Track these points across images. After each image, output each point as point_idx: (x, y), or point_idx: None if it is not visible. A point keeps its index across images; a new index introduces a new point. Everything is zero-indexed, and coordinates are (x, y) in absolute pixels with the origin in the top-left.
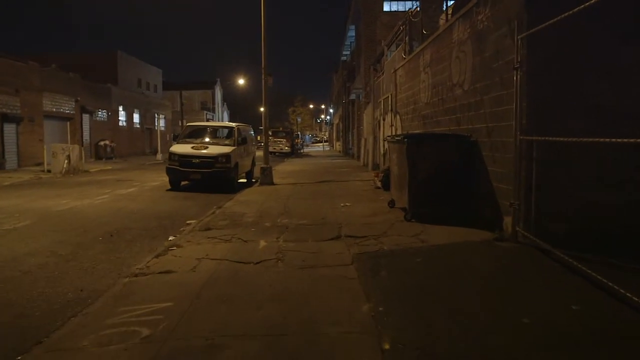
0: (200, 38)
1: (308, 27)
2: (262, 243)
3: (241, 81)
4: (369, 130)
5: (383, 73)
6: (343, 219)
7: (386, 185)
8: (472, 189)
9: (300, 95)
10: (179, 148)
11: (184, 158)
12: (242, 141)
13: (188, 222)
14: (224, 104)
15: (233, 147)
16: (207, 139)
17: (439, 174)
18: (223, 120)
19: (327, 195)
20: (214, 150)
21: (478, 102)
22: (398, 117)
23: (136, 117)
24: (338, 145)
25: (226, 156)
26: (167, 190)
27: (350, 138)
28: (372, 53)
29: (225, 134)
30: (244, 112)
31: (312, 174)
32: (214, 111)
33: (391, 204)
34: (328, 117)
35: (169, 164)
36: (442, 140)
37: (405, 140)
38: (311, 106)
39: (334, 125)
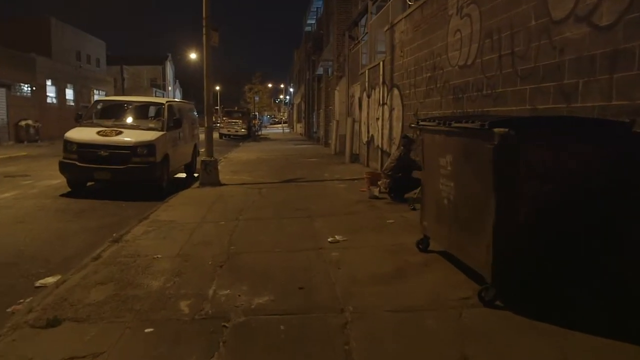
0: (150, 9)
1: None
2: None
3: (193, 55)
4: (343, 110)
5: (362, 38)
6: (343, 292)
7: (397, 195)
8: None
9: (259, 72)
10: (79, 133)
11: (85, 148)
12: (175, 123)
13: (20, 301)
14: (176, 82)
15: (161, 133)
16: (122, 121)
17: (569, 212)
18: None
19: (300, 211)
20: (131, 136)
21: None
22: (396, 92)
23: (69, 94)
24: (299, 128)
25: (149, 146)
26: (62, 195)
27: (314, 120)
28: (346, 16)
29: (151, 114)
30: (198, 90)
31: (275, 167)
32: (164, 89)
33: (423, 244)
34: (288, 97)
35: (63, 157)
36: (591, 133)
37: (492, 128)
38: (270, 85)
39: (295, 105)
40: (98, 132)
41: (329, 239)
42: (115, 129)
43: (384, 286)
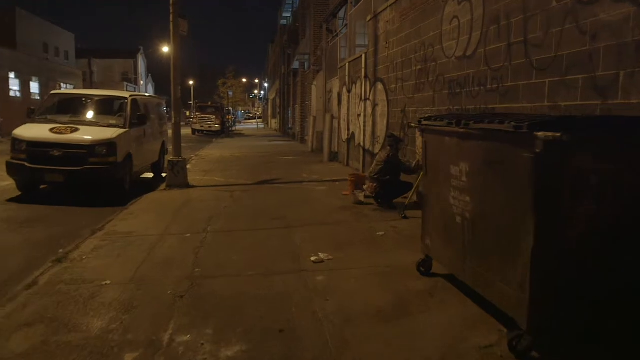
0: (123, 2)
1: None
2: None
3: (166, 49)
4: (320, 106)
5: (341, 31)
6: (335, 336)
7: (385, 200)
8: None
9: (233, 66)
10: (29, 131)
11: (36, 148)
12: (139, 120)
13: None
14: (148, 76)
15: (123, 130)
16: (80, 117)
17: (635, 239)
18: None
19: (277, 220)
20: (89, 134)
21: None
22: (380, 86)
23: (35, 87)
24: (274, 123)
25: (108, 144)
26: (10, 199)
27: (290, 115)
28: (323, 7)
29: (112, 109)
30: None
31: (249, 166)
32: (136, 83)
33: (424, 266)
34: (262, 93)
35: (11, 157)
36: None
37: (533, 131)
38: (244, 80)
39: (270, 100)
40: (51, 130)
41: (312, 258)
42: (72, 125)
43: (385, 326)
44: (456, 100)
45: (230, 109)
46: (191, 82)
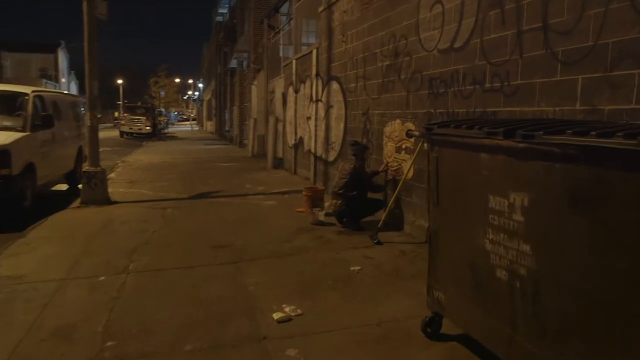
0: None
1: None
2: None
3: None
4: (261, 107)
5: (285, 26)
6: None
7: (351, 220)
8: None
9: (165, 64)
10: None
11: None
12: (45, 121)
13: None
14: (71, 73)
15: (21, 134)
16: None
17: None
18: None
19: (222, 249)
20: None
21: None
22: (336, 85)
23: None
24: (210, 126)
25: (1, 152)
26: None
27: (227, 117)
28: (264, 2)
29: (10, 108)
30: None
31: (184, 175)
32: (57, 80)
33: (432, 325)
34: (197, 93)
35: None
36: None
37: None
38: (177, 80)
39: (205, 101)
40: None
41: (276, 316)
42: None
43: None
44: (440, 101)
45: (163, 110)
46: (120, 81)
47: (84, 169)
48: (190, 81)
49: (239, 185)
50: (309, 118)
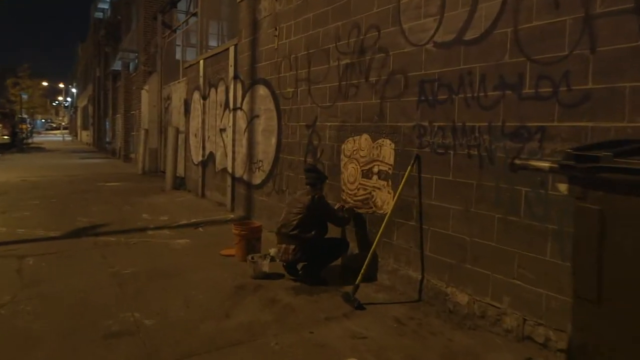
0: None
1: None
2: None
3: None
4: (154, 116)
5: (185, 23)
6: None
7: (310, 271)
8: None
9: (27, 63)
10: None
11: None
12: None
13: None
14: None
15: None
16: None
17: None
18: None
19: (124, 337)
20: None
21: None
22: (263, 91)
23: None
24: (86, 136)
25: None
26: None
27: (108, 127)
28: None
29: None
30: None
31: (54, 199)
32: None
33: None
34: (69, 99)
35: None
36: None
37: None
38: (45, 83)
39: (79, 108)
40: None
41: None
42: None
43: None
44: (438, 112)
45: (26, 116)
46: None
47: None
48: (62, 85)
49: (134, 214)
50: (223, 130)
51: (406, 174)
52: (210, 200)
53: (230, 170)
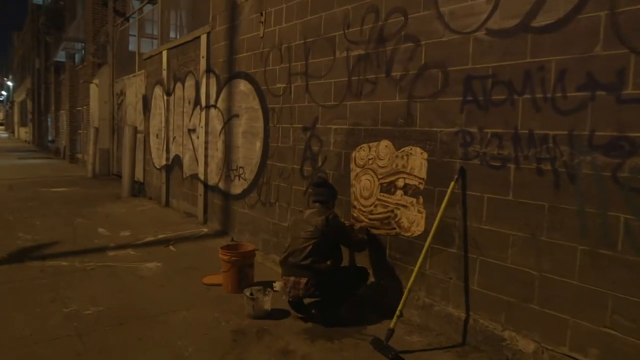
0: None
1: None
2: None
3: None
4: (105, 114)
5: (140, 9)
6: None
7: (326, 309)
8: None
9: None
10: None
11: None
12: None
13: None
14: None
15: None
16: None
17: None
18: None
19: None
20: None
21: None
22: (244, 86)
23: None
24: (25, 133)
25: None
26: None
27: (51, 124)
28: None
29: None
30: None
31: None
32: None
33: None
34: (5, 93)
35: None
36: None
37: None
38: None
39: (17, 103)
40: None
41: None
42: None
43: None
44: (493, 115)
45: None
46: None
47: None
48: None
49: (88, 229)
50: (192, 130)
51: (449, 190)
52: (176, 210)
53: (202, 177)
